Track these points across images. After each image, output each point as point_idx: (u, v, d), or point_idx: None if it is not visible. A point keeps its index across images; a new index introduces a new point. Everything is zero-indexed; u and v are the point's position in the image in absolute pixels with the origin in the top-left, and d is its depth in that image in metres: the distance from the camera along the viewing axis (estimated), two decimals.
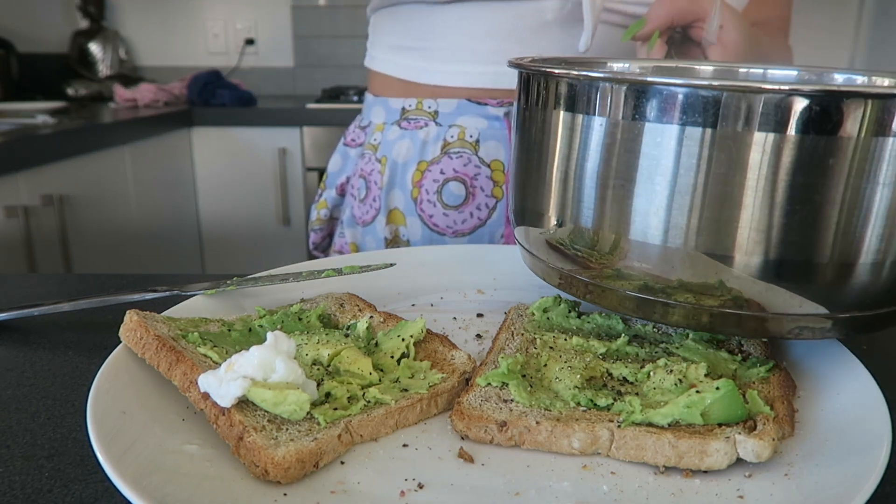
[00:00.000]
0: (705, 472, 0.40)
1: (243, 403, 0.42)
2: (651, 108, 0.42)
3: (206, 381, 0.42)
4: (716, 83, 0.41)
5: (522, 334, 0.54)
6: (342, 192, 1.01)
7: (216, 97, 2.69)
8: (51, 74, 3.10)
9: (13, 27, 3.10)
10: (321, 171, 2.63)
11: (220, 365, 0.44)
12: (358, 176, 0.96)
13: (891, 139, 0.39)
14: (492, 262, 0.71)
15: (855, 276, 0.42)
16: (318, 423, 0.42)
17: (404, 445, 0.43)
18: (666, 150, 0.42)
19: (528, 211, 0.54)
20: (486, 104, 0.86)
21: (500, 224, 0.87)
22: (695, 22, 0.73)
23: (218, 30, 3.23)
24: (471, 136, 0.87)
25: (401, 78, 0.91)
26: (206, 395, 0.42)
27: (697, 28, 0.74)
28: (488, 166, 0.86)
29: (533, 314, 0.58)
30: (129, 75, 3.17)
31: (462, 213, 0.87)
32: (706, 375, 0.46)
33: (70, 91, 3.04)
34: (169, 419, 0.43)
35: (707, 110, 0.40)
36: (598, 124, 0.45)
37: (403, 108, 0.91)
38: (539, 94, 0.50)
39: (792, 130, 0.39)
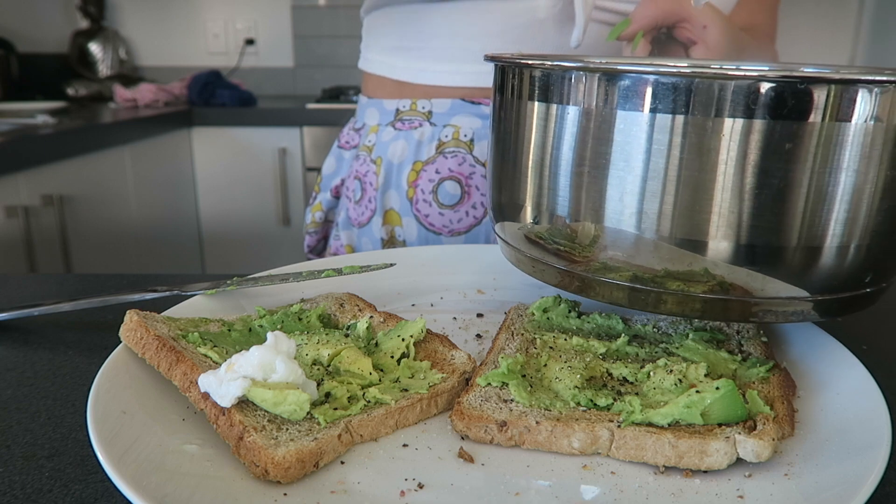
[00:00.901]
0: (705, 472, 0.40)
1: (243, 403, 0.42)
2: (622, 96, 0.43)
3: (207, 381, 0.42)
4: (684, 70, 0.41)
5: (522, 334, 0.54)
6: (337, 195, 1.01)
7: (216, 97, 2.69)
8: (51, 74, 3.10)
9: (13, 27, 3.10)
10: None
11: (221, 365, 0.44)
12: (353, 177, 0.96)
13: (853, 124, 0.40)
14: (492, 262, 0.71)
15: (823, 259, 0.43)
16: (318, 423, 0.42)
17: (404, 445, 0.43)
18: (637, 137, 0.43)
19: (505, 204, 0.54)
20: (480, 103, 0.87)
21: None
22: (679, 22, 0.74)
23: (218, 30, 3.23)
24: (465, 136, 0.87)
25: (395, 79, 0.91)
26: (206, 395, 0.42)
27: (681, 28, 0.74)
28: (483, 165, 0.87)
29: (533, 314, 0.58)
30: (129, 75, 3.17)
31: (458, 213, 0.87)
32: (706, 375, 0.46)
33: (70, 91, 3.04)
34: (169, 419, 0.43)
35: (676, 97, 0.41)
36: (572, 113, 0.45)
37: (398, 110, 0.91)
38: (514, 86, 0.50)
39: (759, 116, 0.40)
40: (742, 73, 0.39)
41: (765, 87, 0.39)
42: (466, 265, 0.71)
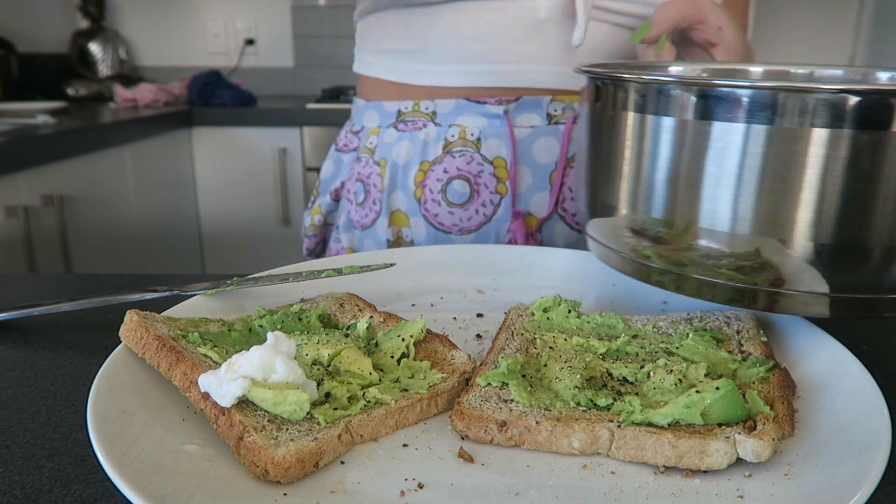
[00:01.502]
0: (705, 472, 0.40)
1: (243, 403, 0.42)
2: (716, 109, 0.46)
3: (207, 381, 0.42)
4: (776, 84, 0.45)
5: (522, 334, 0.54)
6: (336, 198, 1.01)
7: (216, 97, 2.69)
8: (51, 74, 3.10)
9: (13, 27, 3.10)
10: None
11: (221, 365, 0.44)
12: (354, 180, 0.95)
13: None
14: (492, 262, 0.71)
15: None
16: (318, 423, 0.42)
17: (404, 445, 0.43)
18: (730, 146, 0.46)
19: (600, 205, 0.58)
20: (485, 102, 0.87)
21: (506, 219, 0.87)
22: (696, 24, 0.75)
23: (218, 30, 3.23)
24: (472, 135, 0.87)
25: (394, 81, 0.91)
26: (206, 395, 0.42)
27: (697, 30, 0.76)
28: (491, 163, 0.87)
29: (533, 314, 0.58)
30: (129, 75, 3.17)
31: (468, 211, 0.87)
32: (706, 375, 0.46)
33: (70, 91, 3.04)
34: (169, 419, 0.43)
35: (767, 109, 0.45)
36: (667, 124, 0.49)
37: (399, 111, 0.91)
38: (609, 97, 0.54)
39: (845, 126, 0.43)
40: (829, 87, 0.43)
41: (851, 100, 0.43)
42: (466, 265, 0.71)
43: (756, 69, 0.72)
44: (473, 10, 0.84)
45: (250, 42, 3.22)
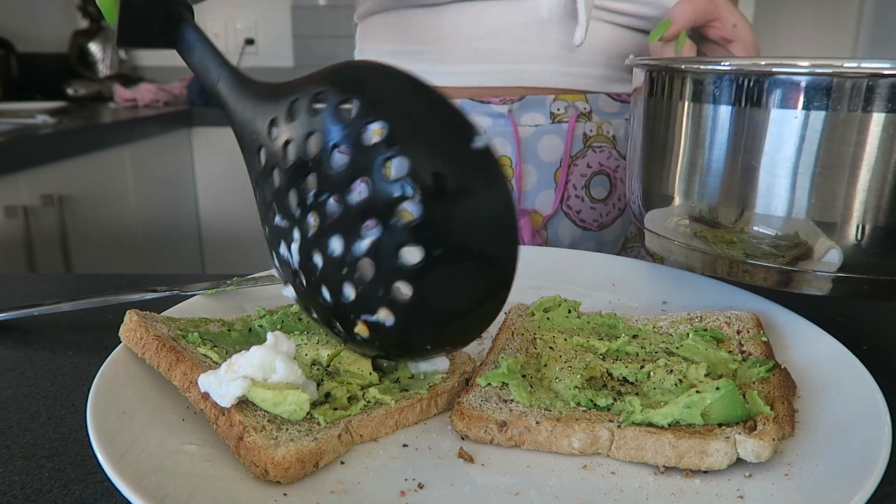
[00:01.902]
0: (705, 472, 0.40)
1: (243, 403, 0.42)
2: (773, 95, 0.47)
3: (206, 382, 0.42)
4: (835, 70, 0.45)
5: (522, 334, 0.54)
6: None
7: None
8: (51, 74, 3.10)
9: (13, 27, 3.10)
10: None
11: (220, 365, 0.44)
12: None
13: None
14: None
15: None
16: (318, 423, 0.42)
17: (404, 445, 0.43)
18: (788, 132, 0.47)
19: (655, 195, 0.59)
20: (489, 102, 0.87)
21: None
22: (712, 21, 0.76)
23: (218, 30, 3.23)
24: None
25: None
26: (206, 396, 0.42)
27: (713, 27, 0.77)
28: None
29: (533, 314, 0.58)
30: (129, 75, 3.17)
31: None
32: (706, 375, 0.46)
33: (70, 91, 3.04)
34: (169, 419, 0.43)
35: (825, 95, 0.45)
36: (724, 112, 0.50)
37: None
38: (664, 88, 0.55)
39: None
40: (889, 72, 0.44)
41: None
42: None
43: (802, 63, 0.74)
44: (476, 11, 0.84)
45: (250, 42, 3.22)
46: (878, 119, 0.44)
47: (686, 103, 0.53)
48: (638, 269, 0.70)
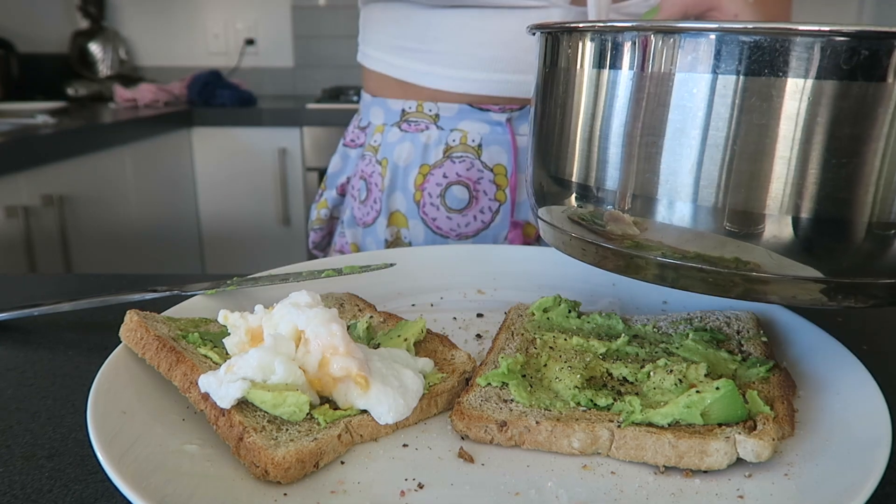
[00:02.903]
0: (705, 472, 0.40)
1: (243, 404, 0.42)
2: (680, 56, 0.40)
3: (207, 382, 0.42)
4: (756, 26, 0.37)
5: (522, 334, 0.54)
6: (342, 192, 1.01)
7: (216, 97, 2.69)
8: (51, 74, 3.10)
9: (13, 27, 3.10)
10: (321, 171, 2.63)
11: (221, 366, 0.44)
12: (358, 177, 0.96)
13: None
14: (492, 262, 0.71)
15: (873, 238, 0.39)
16: (318, 424, 0.42)
17: (404, 445, 0.43)
18: (696, 100, 0.39)
19: (550, 181, 0.50)
20: (488, 110, 0.86)
21: (504, 227, 0.87)
22: (708, 12, 0.73)
23: (218, 30, 3.23)
24: (473, 141, 0.87)
25: (397, 78, 0.90)
26: (206, 396, 0.42)
27: (710, 17, 0.74)
28: (491, 171, 0.86)
29: (533, 314, 0.58)
30: (130, 75, 3.17)
31: (466, 217, 0.87)
32: (706, 375, 0.46)
33: (70, 91, 3.04)
34: (169, 419, 0.43)
35: (743, 56, 0.37)
36: (624, 77, 0.42)
37: (403, 110, 0.91)
38: (562, 54, 0.47)
39: (833, 76, 0.36)
40: (814, 30, 0.36)
41: (841, 43, 0.35)
42: (466, 265, 0.71)
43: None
44: (480, 17, 0.82)
45: (250, 42, 3.22)
46: (798, 86, 0.36)
47: (582, 69, 0.45)
48: None
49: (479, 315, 0.63)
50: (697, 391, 0.42)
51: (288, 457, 0.38)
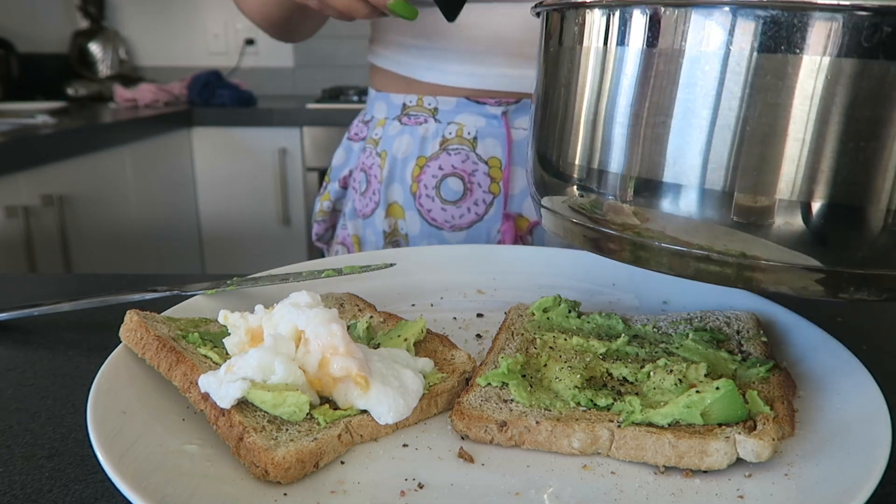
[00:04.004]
0: (705, 472, 0.40)
1: (243, 404, 0.42)
2: (695, 32, 0.37)
3: (207, 382, 0.42)
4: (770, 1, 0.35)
5: (522, 334, 0.54)
6: (345, 185, 1.03)
7: (216, 97, 2.69)
8: (51, 74, 3.10)
9: (13, 27, 3.10)
10: (321, 171, 2.63)
11: (221, 366, 0.44)
12: (359, 169, 0.98)
13: None
14: (492, 262, 0.71)
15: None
16: (318, 424, 0.42)
17: (404, 445, 0.43)
18: (709, 79, 0.37)
19: (552, 166, 0.48)
20: (484, 103, 0.87)
21: (497, 220, 0.88)
22: None
23: (218, 30, 3.23)
24: (468, 134, 0.88)
25: (402, 74, 0.93)
26: (206, 396, 0.42)
27: None
28: (486, 163, 0.87)
29: (533, 314, 0.58)
30: (130, 75, 3.17)
31: (460, 208, 0.88)
32: (706, 375, 0.46)
33: (70, 91, 3.04)
34: (169, 419, 0.43)
35: (759, 31, 0.36)
36: (631, 54, 0.40)
37: (404, 104, 0.93)
38: (567, 32, 0.45)
39: (854, 54, 0.34)
40: (835, 4, 0.33)
41: (863, 19, 0.33)
42: (466, 265, 0.71)
43: None
44: (480, 13, 0.84)
45: (250, 42, 3.22)
46: (815, 63, 0.34)
47: (588, 47, 0.43)
48: (638, 269, 0.70)
49: (479, 315, 0.63)
50: (697, 391, 0.42)
51: (288, 457, 0.38)
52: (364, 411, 0.43)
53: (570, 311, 0.58)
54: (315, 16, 0.92)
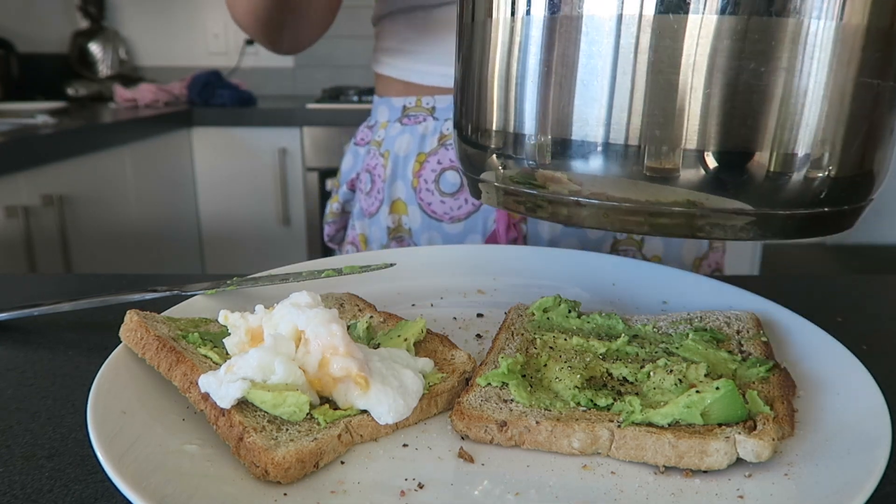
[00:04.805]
0: (705, 472, 0.40)
1: (243, 404, 0.42)
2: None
3: (207, 382, 0.42)
4: None
5: (522, 334, 0.54)
6: (352, 188, 1.07)
7: (216, 97, 2.69)
8: (51, 74, 3.10)
9: (13, 27, 3.10)
10: (321, 171, 2.63)
11: (221, 366, 0.44)
12: (364, 171, 1.02)
13: (823, 23, 0.37)
14: (492, 262, 0.71)
15: (793, 171, 0.40)
16: (318, 424, 0.42)
17: (404, 445, 0.43)
18: (604, 40, 0.39)
19: (472, 138, 0.50)
20: None
21: (492, 210, 0.91)
22: None
23: (218, 30, 3.23)
24: None
25: (402, 79, 0.96)
26: (206, 396, 0.42)
27: None
28: None
29: (533, 314, 0.58)
30: (130, 75, 3.17)
31: (458, 200, 0.92)
32: (706, 375, 0.46)
33: (70, 91, 3.04)
34: (169, 419, 0.43)
35: None
36: (535, 20, 0.42)
37: (404, 106, 0.96)
38: (477, 6, 0.47)
39: (729, 12, 0.37)
40: None
41: None
42: (466, 265, 0.71)
43: None
44: None
45: (250, 42, 3.22)
46: (697, 21, 0.37)
47: (499, 19, 0.44)
48: (638, 269, 0.70)
49: (479, 315, 0.63)
50: (697, 391, 0.42)
51: (288, 457, 0.38)
52: (364, 411, 0.43)
53: (570, 311, 0.58)
54: (298, 7, 0.93)
